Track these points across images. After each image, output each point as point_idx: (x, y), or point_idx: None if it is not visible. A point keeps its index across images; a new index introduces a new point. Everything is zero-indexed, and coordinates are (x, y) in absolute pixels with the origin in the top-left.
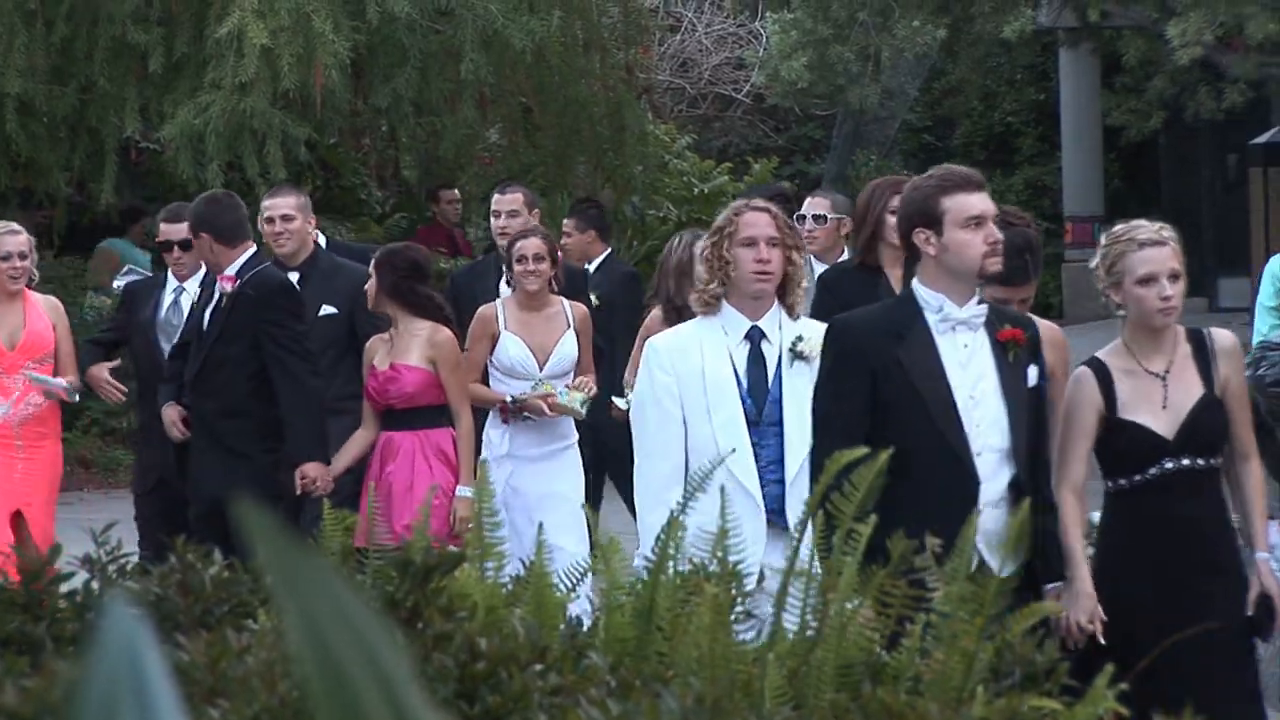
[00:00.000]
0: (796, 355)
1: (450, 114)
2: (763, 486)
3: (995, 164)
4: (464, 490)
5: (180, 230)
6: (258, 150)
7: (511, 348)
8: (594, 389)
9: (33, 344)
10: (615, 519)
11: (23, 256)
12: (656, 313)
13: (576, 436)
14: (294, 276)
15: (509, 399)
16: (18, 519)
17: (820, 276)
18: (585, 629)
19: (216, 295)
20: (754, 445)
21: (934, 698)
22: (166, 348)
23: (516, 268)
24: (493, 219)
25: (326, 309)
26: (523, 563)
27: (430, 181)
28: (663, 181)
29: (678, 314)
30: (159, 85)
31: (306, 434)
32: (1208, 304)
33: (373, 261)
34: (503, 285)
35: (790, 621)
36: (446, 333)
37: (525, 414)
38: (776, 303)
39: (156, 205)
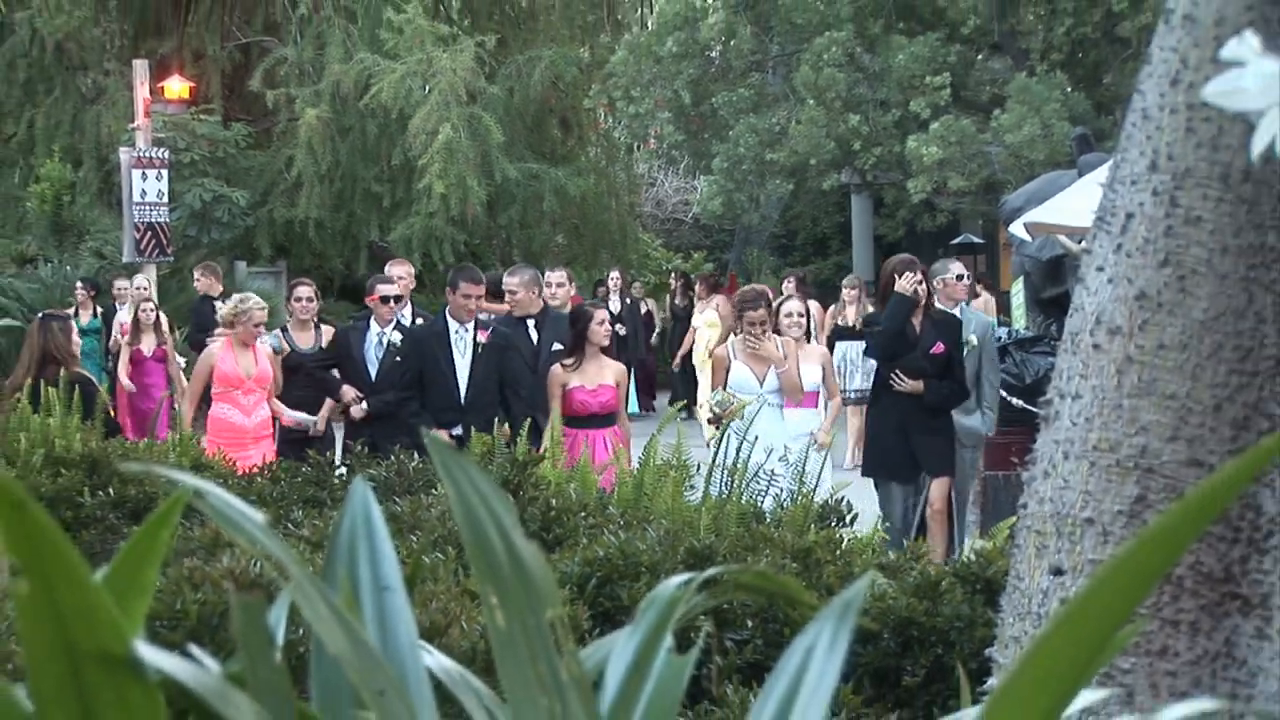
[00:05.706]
0: None
1: (538, 228)
2: None
3: (817, 255)
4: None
5: (392, 289)
6: (439, 248)
7: (740, 372)
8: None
9: (261, 376)
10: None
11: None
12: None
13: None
14: (530, 323)
15: (714, 408)
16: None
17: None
18: (607, 493)
19: (473, 345)
20: None
21: (788, 530)
22: (372, 371)
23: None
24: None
25: (557, 345)
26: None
27: (538, 264)
28: (646, 264)
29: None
30: (387, 212)
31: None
32: None
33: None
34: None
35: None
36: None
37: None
38: None
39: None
